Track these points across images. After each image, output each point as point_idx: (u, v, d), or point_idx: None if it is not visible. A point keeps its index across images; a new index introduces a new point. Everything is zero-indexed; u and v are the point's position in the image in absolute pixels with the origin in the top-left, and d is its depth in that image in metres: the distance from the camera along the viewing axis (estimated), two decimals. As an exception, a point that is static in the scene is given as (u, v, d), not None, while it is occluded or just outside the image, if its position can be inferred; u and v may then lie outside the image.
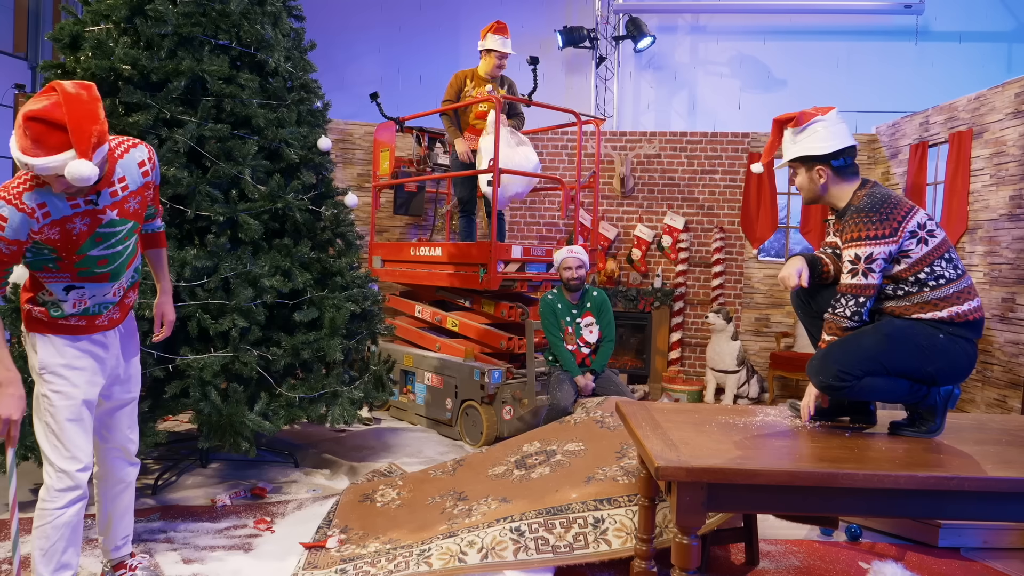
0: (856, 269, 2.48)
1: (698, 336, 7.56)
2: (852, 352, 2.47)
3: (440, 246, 5.63)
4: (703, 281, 7.56)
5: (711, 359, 6.92)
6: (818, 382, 2.52)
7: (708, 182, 7.54)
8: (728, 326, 6.77)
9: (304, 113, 4.18)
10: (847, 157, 2.59)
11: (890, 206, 2.47)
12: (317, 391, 3.80)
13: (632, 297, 7.35)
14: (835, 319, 2.52)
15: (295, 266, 3.85)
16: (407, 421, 5.66)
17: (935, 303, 2.45)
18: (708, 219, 7.56)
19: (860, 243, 2.46)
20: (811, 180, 2.65)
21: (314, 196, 4.11)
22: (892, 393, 2.50)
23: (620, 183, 7.52)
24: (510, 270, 5.24)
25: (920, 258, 2.46)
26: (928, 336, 2.45)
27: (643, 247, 7.53)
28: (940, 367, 2.45)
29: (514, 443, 3.94)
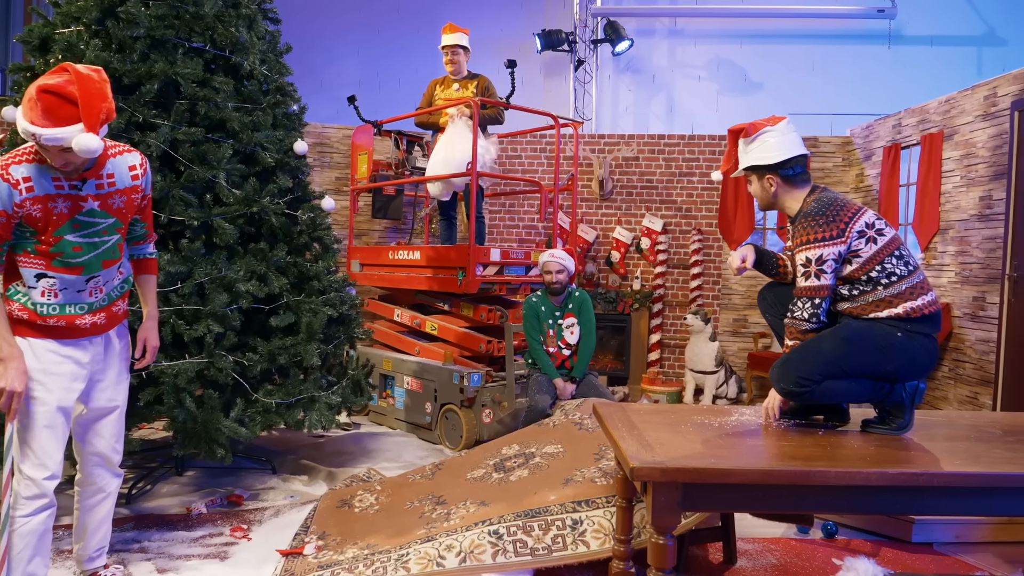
0: (808, 272, 2.52)
1: (677, 337, 7.59)
2: (811, 357, 2.50)
3: (419, 250, 5.62)
4: (682, 283, 7.61)
5: (690, 360, 6.95)
6: (780, 388, 2.56)
7: (686, 184, 7.58)
8: (707, 327, 6.81)
9: (280, 116, 4.16)
10: (796, 166, 2.64)
11: (836, 208, 2.52)
12: (294, 396, 3.78)
13: (611, 299, 7.37)
14: (794, 322, 2.56)
15: (271, 271, 3.83)
16: (386, 426, 5.64)
17: (890, 300, 2.49)
18: (686, 221, 7.60)
19: (810, 246, 2.51)
20: (763, 188, 2.71)
21: (290, 200, 4.09)
22: (855, 394, 2.54)
23: (599, 186, 7.54)
24: (489, 273, 5.24)
25: (870, 257, 2.50)
26: (885, 336, 2.48)
27: (622, 249, 7.55)
28: (900, 365, 2.49)
29: (493, 446, 3.94)
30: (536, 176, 7.54)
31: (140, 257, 2.80)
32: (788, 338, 2.59)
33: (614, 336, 7.67)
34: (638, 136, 7.65)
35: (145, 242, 2.79)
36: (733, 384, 6.94)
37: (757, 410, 2.85)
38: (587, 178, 7.68)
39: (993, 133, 5.40)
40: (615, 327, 7.60)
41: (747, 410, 2.87)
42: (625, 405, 2.97)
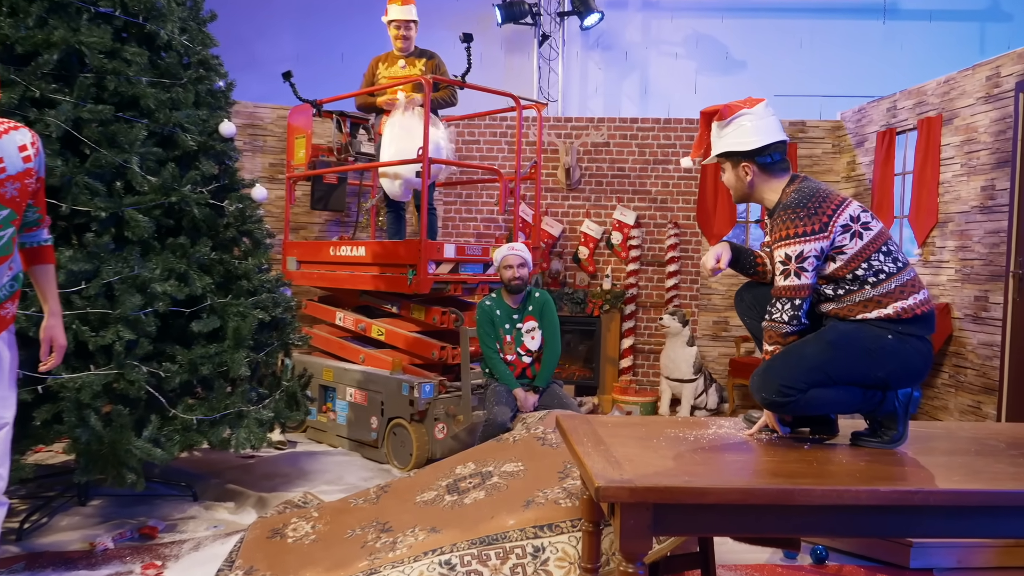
0: (788, 270, 2.53)
1: (652, 342, 7.63)
2: (794, 364, 2.51)
3: (364, 245, 5.59)
4: (656, 281, 7.65)
5: (666, 367, 7.00)
6: (761, 399, 2.57)
7: (661, 173, 7.63)
8: (684, 330, 6.87)
9: (203, 93, 4.11)
10: (775, 153, 2.66)
11: (818, 200, 2.54)
12: (219, 412, 3.73)
13: (579, 300, 7.39)
14: (773, 325, 2.58)
15: (193, 269, 3.78)
16: (326, 444, 5.60)
17: (878, 300, 2.51)
18: (661, 213, 7.65)
19: (789, 242, 2.52)
20: (737, 178, 2.72)
21: (216, 188, 4.06)
22: (844, 404, 2.55)
23: (565, 174, 7.56)
24: (442, 271, 5.23)
25: (856, 253, 2.53)
26: (874, 338, 2.50)
27: (591, 245, 7.57)
28: (891, 370, 2.50)
29: (446, 465, 3.91)
30: (495, 164, 7.53)
31: (33, 245, 2.71)
32: (767, 342, 2.60)
33: (582, 341, 7.68)
34: (609, 119, 7.68)
35: (38, 228, 2.71)
36: (713, 393, 7.00)
37: (737, 422, 2.86)
38: (552, 166, 7.68)
39: (996, 117, 5.50)
40: (583, 331, 7.61)
41: (725, 422, 2.88)
42: (592, 417, 2.96)
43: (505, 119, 7.62)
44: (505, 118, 7.61)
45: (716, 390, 7.05)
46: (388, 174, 5.46)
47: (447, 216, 7.71)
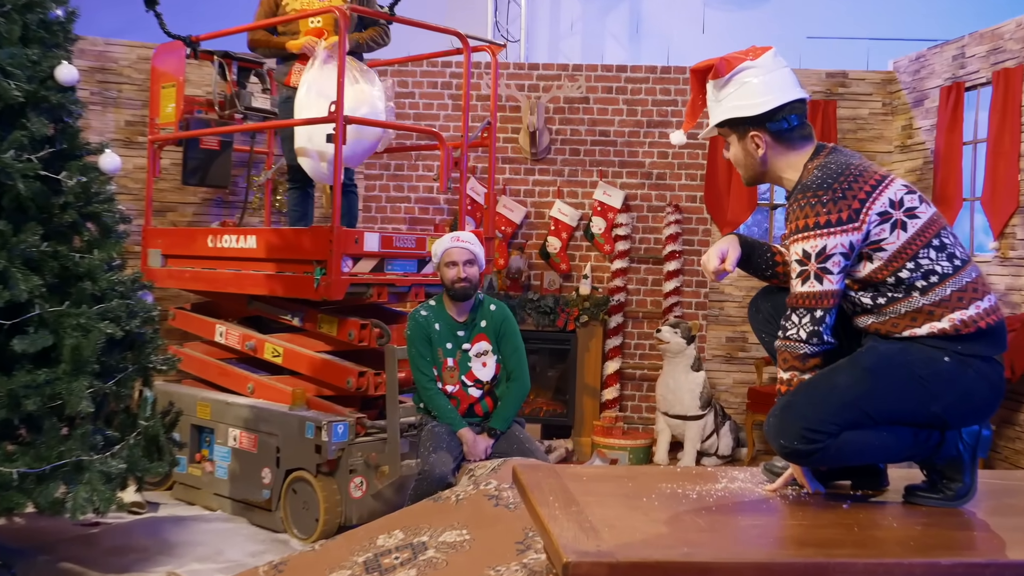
0: (806, 272, 2.55)
1: (645, 365, 7.65)
2: (821, 399, 2.53)
3: (255, 234, 5.56)
4: (652, 284, 7.67)
5: (663, 399, 7.01)
6: (779, 447, 2.58)
7: (658, 139, 7.65)
8: (688, 349, 6.90)
9: (34, 25, 4.06)
10: (792, 116, 2.69)
11: (848, 178, 2.56)
12: (50, 463, 3.69)
13: (547, 309, 7.39)
14: (788, 345, 2.60)
15: (16, 266, 3.75)
16: (201, 505, 5.55)
17: (930, 310, 2.54)
18: (658, 193, 7.67)
19: (807, 234, 2.54)
20: (746, 153, 2.75)
21: (50, 155, 4.03)
22: (890, 450, 2.57)
23: (529, 140, 7.55)
24: (362, 270, 5.22)
25: (899, 249, 2.55)
26: (926, 362, 2.52)
27: (564, 235, 7.58)
28: (949, 403, 2.53)
29: (364, 534, 3.89)
30: (435, 125, 7.49)
31: None
32: (782, 369, 2.62)
33: (551, 365, 7.67)
34: (588, 67, 7.68)
35: None
36: (726, 435, 7.03)
37: (756, 475, 2.87)
38: (512, 129, 7.67)
39: (1092, 69, 5.62)
40: (553, 351, 7.60)
41: (740, 474, 2.88)
42: (562, 469, 2.96)
43: (449, 65, 7.59)
44: (449, 64, 7.57)
45: (730, 430, 7.08)
46: (309, 151, 5.42)
47: (369, 195, 7.66)
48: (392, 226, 7.63)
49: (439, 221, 7.62)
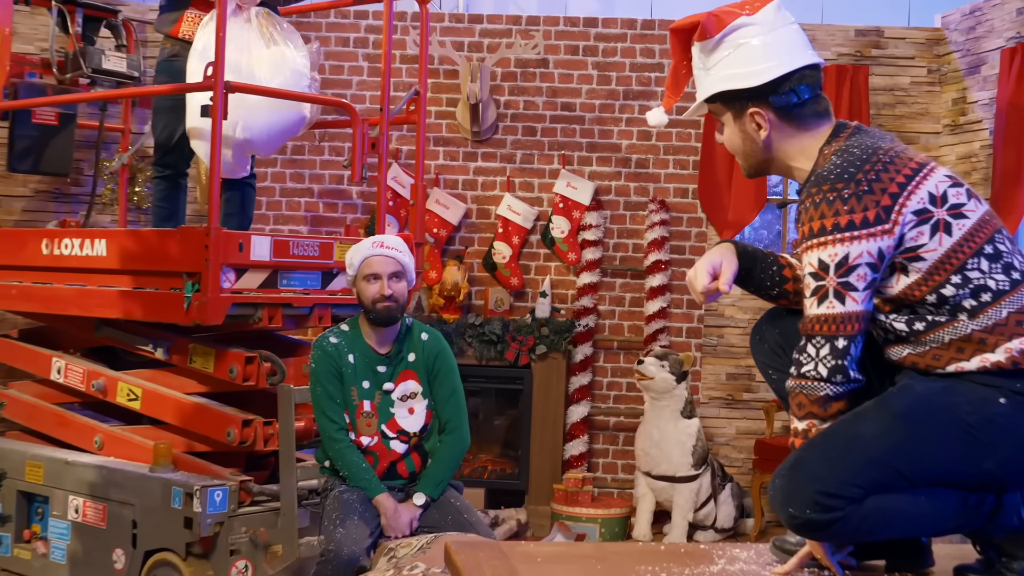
0: (823, 288, 2.56)
1: (621, 410, 7.69)
2: (840, 454, 2.54)
3: (107, 237, 5.51)
4: (630, 304, 7.73)
5: (645, 454, 7.03)
6: (787, 518, 2.58)
7: (638, 115, 7.70)
8: (678, 388, 6.92)
9: None
10: (802, 86, 2.73)
11: (876, 166, 2.58)
12: None
13: (494, 338, 7.40)
14: (805, 386, 2.60)
15: None
16: (32, 598, 5.46)
17: (981, 338, 2.54)
18: (638, 186, 7.74)
19: (825, 239, 2.55)
20: (744, 135, 2.79)
21: None
22: (930, 519, 2.58)
23: (470, 115, 7.56)
24: (249, 285, 5.19)
25: (942, 258, 2.56)
26: (977, 405, 2.53)
27: (515, 240, 7.61)
28: (1007, 457, 2.53)
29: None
30: (346, 95, 7.48)
31: None
32: (797, 416, 2.62)
33: (500, 410, 7.66)
34: (547, 21, 7.71)
35: None
36: (727, 501, 7.07)
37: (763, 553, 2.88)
38: (448, 100, 7.70)
39: None
40: (501, 393, 7.59)
41: (742, 551, 2.88)
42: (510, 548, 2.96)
43: (364, 16, 7.61)
44: (364, 15, 7.59)
45: (732, 496, 7.11)
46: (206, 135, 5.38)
47: (260, 187, 7.50)
48: (289, 228, 7.62)
49: (351, 221, 7.59)
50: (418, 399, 4.74)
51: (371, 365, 4.71)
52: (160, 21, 5.83)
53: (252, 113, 5.25)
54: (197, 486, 4.87)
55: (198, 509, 4.83)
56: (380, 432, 4.68)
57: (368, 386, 4.69)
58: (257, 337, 5.66)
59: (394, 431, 4.69)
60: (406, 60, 7.63)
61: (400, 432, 4.70)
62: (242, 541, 4.93)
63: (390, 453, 4.69)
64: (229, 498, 4.92)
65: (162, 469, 5.12)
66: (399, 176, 7.42)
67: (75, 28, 6.32)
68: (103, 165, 7.12)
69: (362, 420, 4.67)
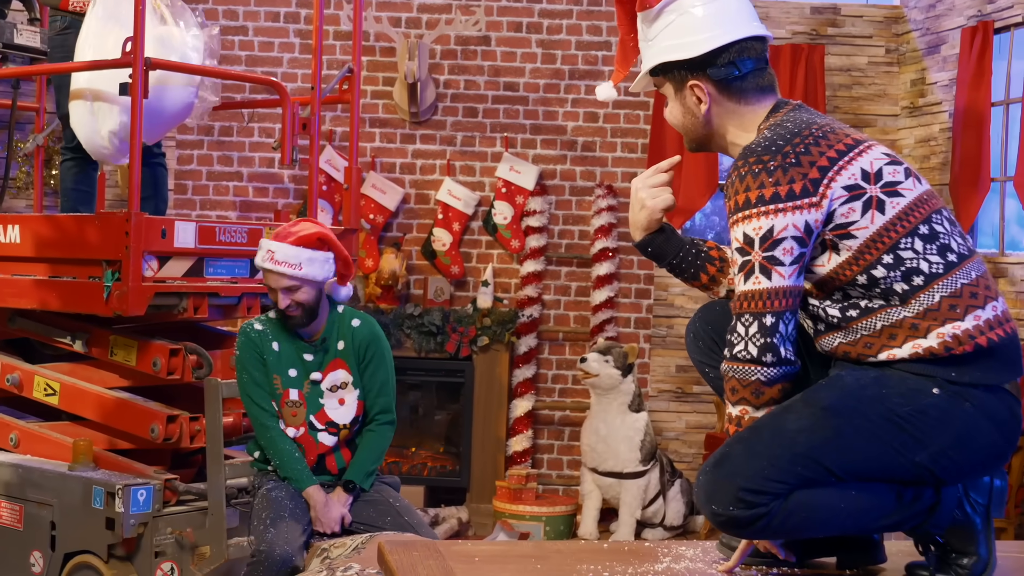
0: (749, 263, 2.57)
1: (567, 404, 7.70)
2: (764, 448, 2.54)
3: (20, 223, 5.49)
4: (576, 295, 7.73)
5: (591, 450, 7.06)
6: (711, 515, 2.58)
7: (584, 96, 7.71)
8: (625, 382, 6.95)
9: None
10: (745, 59, 2.74)
11: (807, 139, 2.59)
12: None
13: (433, 328, 7.41)
14: (737, 369, 2.61)
15: None
16: (-57, 606, 5.44)
17: (912, 324, 2.56)
18: (585, 170, 7.74)
19: (749, 212, 2.56)
20: (684, 109, 2.80)
21: None
22: (864, 515, 2.58)
23: (408, 95, 7.56)
24: (172, 274, 5.19)
25: (873, 237, 2.57)
26: (907, 396, 2.54)
27: (455, 226, 7.61)
28: (939, 451, 2.53)
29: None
30: (276, 73, 7.47)
31: None
32: (731, 402, 2.63)
33: (440, 404, 7.69)
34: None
35: None
36: (676, 498, 7.09)
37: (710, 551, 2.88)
38: (384, 79, 7.67)
39: None
40: (442, 386, 7.62)
41: (691, 549, 2.90)
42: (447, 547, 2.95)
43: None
44: (295, -11, 7.56)
45: (682, 492, 7.14)
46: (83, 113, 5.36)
47: (184, 171, 7.62)
48: (216, 213, 7.59)
49: (282, 207, 7.57)
50: (348, 389, 4.78)
51: (298, 353, 4.77)
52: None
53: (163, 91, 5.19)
54: (119, 485, 4.85)
55: (120, 509, 4.81)
56: (307, 423, 4.73)
57: (295, 374, 4.75)
58: (182, 328, 5.67)
59: (323, 422, 4.74)
60: (339, 36, 7.61)
61: (329, 424, 4.74)
62: (167, 543, 4.93)
63: (318, 446, 4.73)
64: (153, 497, 4.91)
65: (82, 467, 5.10)
66: (333, 159, 7.43)
67: (-17, -1, 6.26)
68: (17, 147, 7.07)
69: (287, 410, 4.72)
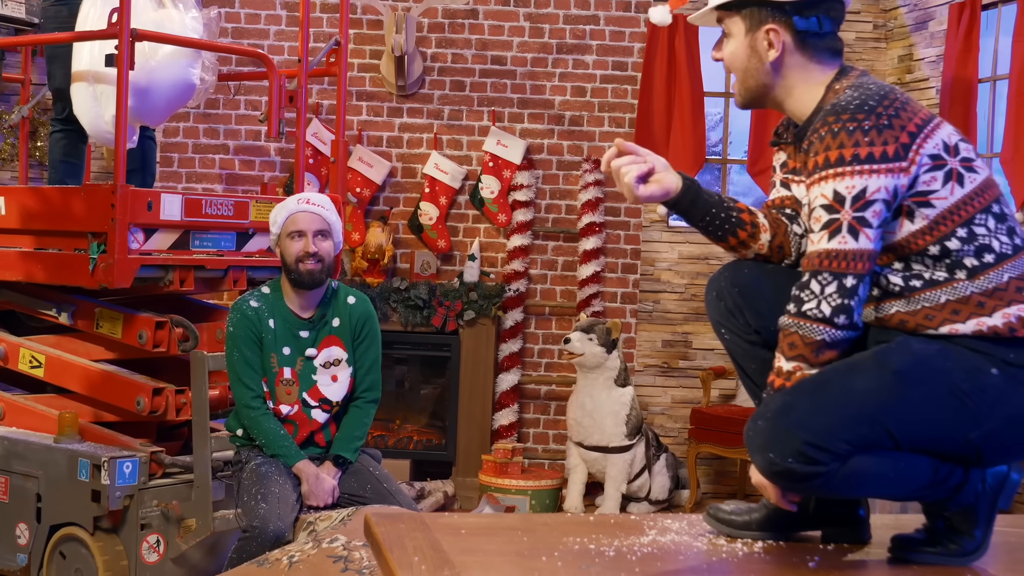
0: (837, 222, 2.52)
1: (553, 379, 7.71)
2: (833, 405, 2.51)
3: (5, 195, 5.48)
4: (562, 269, 7.74)
5: (577, 424, 7.07)
6: (765, 464, 2.56)
7: (572, 69, 7.71)
8: (610, 358, 6.97)
9: None
10: (825, 16, 2.73)
11: (895, 103, 2.56)
12: None
13: (420, 302, 7.41)
14: (803, 326, 2.56)
15: None
16: (-71, 576, 5.45)
17: (979, 301, 2.54)
18: (572, 144, 7.73)
19: (843, 170, 2.52)
20: (752, 51, 2.75)
21: None
22: (902, 484, 2.59)
23: (395, 68, 7.54)
24: (159, 247, 5.18)
25: (951, 208, 2.55)
26: (971, 372, 2.53)
27: (442, 200, 7.61)
28: (992, 431, 2.54)
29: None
30: (263, 45, 7.45)
31: None
32: (785, 356, 2.58)
33: (426, 378, 7.69)
34: (476, -32, 7.70)
35: None
36: (662, 472, 7.11)
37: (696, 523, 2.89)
38: (372, 52, 7.66)
39: None
40: (428, 360, 7.62)
41: (674, 522, 2.90)
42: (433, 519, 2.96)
43: (282, -37, 7.56)
44: (281, -39, 7.54)
45: (667, 466, 7.15)
46: (85, 96, 5.35)
47: (170, 143, 7.61)
48: (202, 186, 7.57)
49: (268, 180, 7.56)
50: (342, 366, 4.77)
51: (293, 330, 4.74)
52: None
53: (137, 80, 5.16)
54: (105, 457, 4.84)
55: (106, 482, 4.81)
56: (301, 400, 4.71)
57: (289, 352, 4.72)
58: (168, 301, 5.66)
59: (316, 399, 4.73)
60: (326, 9, 7.58)
61: (323, 400, 4.74)
62: (153, 515, 4.93)
63: (311, 423, 4.73)
64: (139, 470, 4.91)
65: (68, 440, 5.10)
66: (320, 132, 7.41)
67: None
68: (2, 118, 7.04)
69: (281, 388, 4.70)
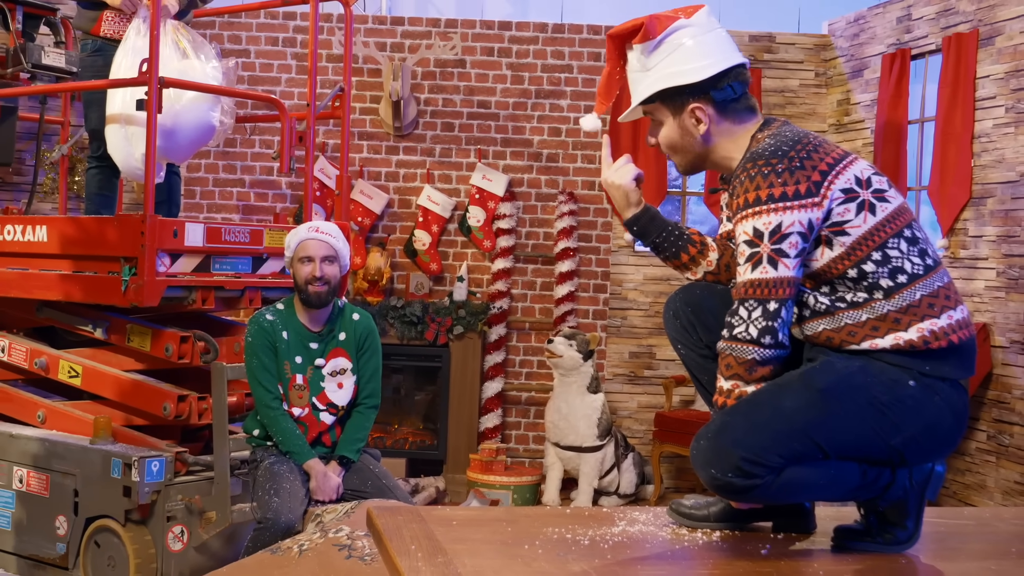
0: (757, 254, 2.55)
1: (532, 386, 7.71)
2: (765, 423, 2.53)
3: (47, 224, 5.46)
4: (541, 289, 7.74)
5: (554, 426, 7.07)
6: (709, 479, 2.56)
7: (548, 113, 7.73)
8: (584, 366, 6.98)
9: None
10: (736, 83, 2.74)
11: (807, 147, 2.59)
12: None
13: (414, 319, 7.40)
14: (735, 348, 2.58)
15: None
16: (-24, 564, 5.42)
17: (896, 318, 2.56)
18: (549, 178, 7.74)
19: (759, 209, 2.54)
20: (683, 131, 2.77)
21: None
22: (834, 488, 2.60)
23: (392, 112, 7.55)
24: (183, 269, 5.17)
25: (865, 235, 2.57)
26: (889, 385, 2.54)
27: (434, 228, 7.60)
28: (911, 437, 2.55)
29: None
30: (276, 91, 7.46)
31: None
32: (723, 377, 2.61)
33: (419, 386, 7.65)
34: (465, 24, 7.70)
35: None
36: (629, 469, 7.12)
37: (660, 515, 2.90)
38: (372, 97, 7.65)
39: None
40: (421, 370, 7.59)
41: (641, 515, 2.91)
42: (427, 512, 2.96)
43: (293, 17, 7.56)
44: (292, 15, 7.54)
45: (634, 464, 7.16)
46: (119, 137, 5.32)
47: (193, 178, 7.57)
48: (221, 216, 7.55)
49: (280, 210, 7.52)
50: (347, 375, 4.80)
51: (304, 342, 4.76)
52: (79, 18, 5.78)
53: (164, 122, 5.16)
54: (135, 457, 4.85)
55: (136, 478, 4.83)
56: (311, 404, 4.74)
57: (300, 361, 4.74)
58: (191, 318, 5.65)
59: (324, 403, 4.75)
60: (332, 59, 7.61)
61: (330, 405, 4.76)
62: (178, 508, 4.94)
63: (319, 424, 4.75)
64: (166, 468, 4.92)
65: (102, 441, 5.10)
66: (325, 168, 7.39)
67: (15, 25, 6.24)
68: (44, 156, 7.04)
69: (294, 392, 4.73)
